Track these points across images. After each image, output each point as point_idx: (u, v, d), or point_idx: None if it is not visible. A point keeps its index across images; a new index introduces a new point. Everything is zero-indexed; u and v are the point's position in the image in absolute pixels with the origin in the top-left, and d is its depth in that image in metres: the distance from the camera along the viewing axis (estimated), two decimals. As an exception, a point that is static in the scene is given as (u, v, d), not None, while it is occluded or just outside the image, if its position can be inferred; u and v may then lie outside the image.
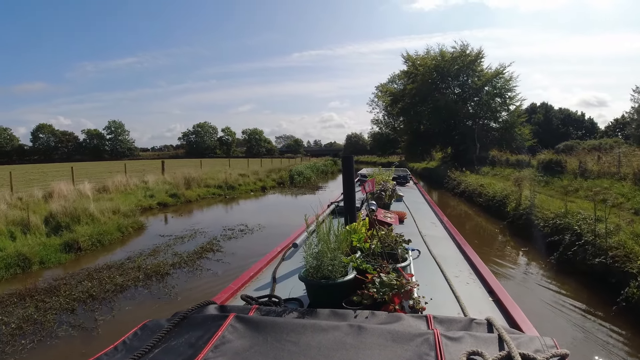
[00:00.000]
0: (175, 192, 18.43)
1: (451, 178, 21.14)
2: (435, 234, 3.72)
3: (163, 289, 6.85)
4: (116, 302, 6.37)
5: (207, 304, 1.59)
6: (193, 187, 20.28)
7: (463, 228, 11.56)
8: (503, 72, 31.18)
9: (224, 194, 20.66)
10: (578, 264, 7.00)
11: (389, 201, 4.64)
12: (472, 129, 30.75)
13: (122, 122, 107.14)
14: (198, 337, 1.27)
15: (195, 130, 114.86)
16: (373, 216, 2.86)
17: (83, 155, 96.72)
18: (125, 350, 1.27)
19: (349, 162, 3.14)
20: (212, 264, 8.21)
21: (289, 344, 1.21)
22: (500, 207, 12.60)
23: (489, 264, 7.80)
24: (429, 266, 2.57)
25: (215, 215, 15.01)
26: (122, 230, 11.42)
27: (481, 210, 14.10)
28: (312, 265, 1.85)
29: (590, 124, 72.98)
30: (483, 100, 31.44)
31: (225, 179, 22.18)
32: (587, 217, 7.81)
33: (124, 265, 8.26)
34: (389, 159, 60.87)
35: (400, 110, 36.82)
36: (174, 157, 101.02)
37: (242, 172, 26.45)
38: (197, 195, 19.39)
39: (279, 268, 2.58)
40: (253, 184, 23.67)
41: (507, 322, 1.74)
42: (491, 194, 14.02)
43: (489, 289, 2.20)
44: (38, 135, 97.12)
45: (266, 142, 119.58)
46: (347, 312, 1.51)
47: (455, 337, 1.22)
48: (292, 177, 27.83)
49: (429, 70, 31.86)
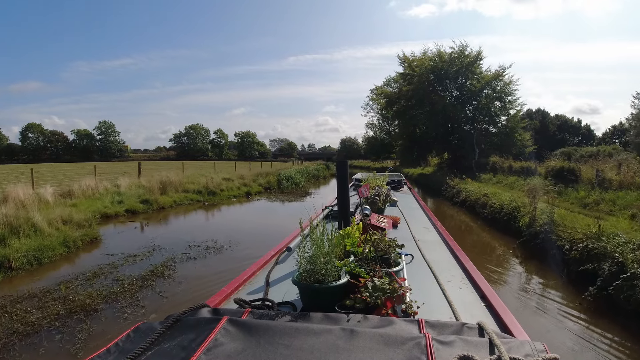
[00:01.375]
0: (148, 197, 16.66)
1: (450, 186, 19.54)
2: (429, 238, 3.68)
3: (78, 335, 5.13)
4: (13, 353, 4.69)
5: (200, 307, 1.58)
6: (169, 192, 18.52)
7: (466, 244, 9.99)
8: (503, 74, 29.85)
9: (203, 200, 18.92)
10: (624, 303, 5.43)
11: (383, 206, 4.66)
12: (471, 133, 29.29)
13: (112, 122, 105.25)
14: (191, 340, 1.27)
15: (187, 132, 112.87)
16: (367, 221, 2.89)
17: (72, 155, 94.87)
18: (118, 352, 1.26)
19: (344, 166, 3.07)
20: (152, 297, 6.47)
21: (282, 347, 1.21)
22: (509, 221, 11.03)
23: (507, 299, 6.20)
24: (422, 271, 2.58)
25: (185, 227, 13.21)
26: (68, 244, 9.66)
27: (487, 224, 12.50)
28: (305, 269, 1.85)
29: (587, 131, 72.54)
30: (482, 103, 30.00)
31: (206, 183, 20.42)
32: (630, 240, 6.24)
33: (49, 294, 6.55)
34: (383, 163, 59.68)
35: (395, 113, 35.20)
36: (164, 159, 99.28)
37: (227, 175, 24.72)
38: (173, 201, 17.63)
39: (272, 272, 2.57)
40: (237, 189, 21.92)
41: (499, 327, 1.73)
42: (497, 205, 12.45)
43: (481, 293, 2.17)
44: (27, 134, 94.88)
45: (259, 145, 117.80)
46: (339, 316, 1.50)
47: (447, 341, 1.22)
48: (280, 182, 26.15)
49: (425, 72, 30.38)
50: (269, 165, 44.01)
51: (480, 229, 12.34)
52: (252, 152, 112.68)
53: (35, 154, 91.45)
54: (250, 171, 32.50)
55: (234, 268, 7.35)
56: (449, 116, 29.85)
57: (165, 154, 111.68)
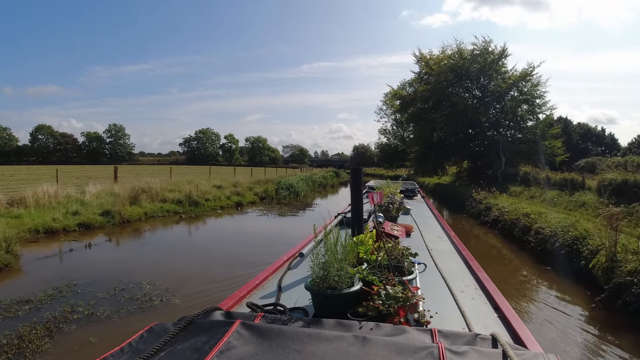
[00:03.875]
0: (111, 208, 13.95)
1: (476, 200, 16.31)
2: (442, 247, 3.62)
3: None
4: None
5: (213, 310, 1.57)
6: (143, 201, 15.80)
7: (508, 287, 6.96)
8: (532, 73, 26.48)
9: (182, 212, 16.15)
10: None
11: (396, 214, 4.65)
12: (497, 140, 25.92)
13: (122, 125, 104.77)
14: (204, 342, 1.26)
15: (198, 136, 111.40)
16: (380, 228, 2.86)
17: (82, 158, 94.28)
18: (131, 352, 1.26)
19: (358, 173, 3.05)
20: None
21: (294, 353, 1.20)
22: (569, 258, 7.91)
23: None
24: (435, 280, 2.55)
25: (134, 252, 10.22)
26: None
27: (534, 258, 9.29)
28: (318, 275, 1.86)
29: (611, 140, 68.69)
30: (507, 106, 26.65)
31: (189, 192, 17.63)
32: None
33: None
34: (396, 171, 56.45)
35: (410, 117, 31.83)
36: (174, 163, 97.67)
37: (221, 183, 21.95)
38: (143, 213, 14.89)
39: (284, 277, 2.54)
40: (226, 199, 19.09)
41: (512, 339, 1.70)
42: (548, 231, 9.30)
43: (494, 304, 2.14)
44: (37, 136, 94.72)
45: (270, 151, 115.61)
46: (352, 323, 1.49)
47: (460, 351, 1.21)
48: (278, 191, 23.29)
49: (444, 71, 27.20)
50: (275, 172, 41.21)
51: (525, 263, 9.12)
52: (263, 157, 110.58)
53: (45, 155, 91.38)
54: (251, 177, 29.77)
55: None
56: (471, 120, 26.60)
57: (174, 159, 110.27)
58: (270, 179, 28.42)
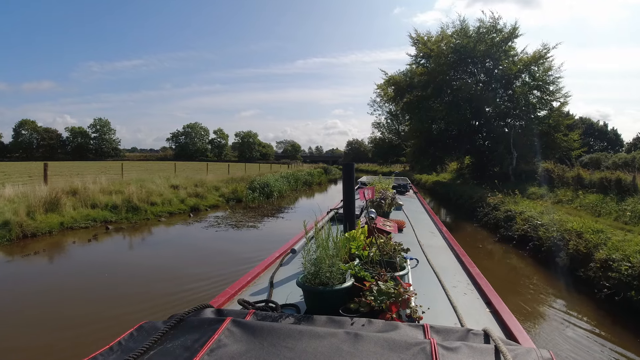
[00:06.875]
0: (11, 218, 10.34)
1: (491, 205, 12.73)
2: (434, 243, 3.60)
3: None
4: None
5: (204, 307, 1.54)
6: (65, 207, 12.17)
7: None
8: (546, 56, 22.91)
9: (114, 220, 12.54)
10: None
11: (389, 209, 4.54)
12: (507, 132, 22.39)
13: (108, 120, 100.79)
14: (194, 340, 1.23)
15: (186, 131, 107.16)
16: (372, 224, 2.73)
17: (66, 154, 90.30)
18: (121, 350, 1.22)
19: (350, 169, 2.98)
20: None
21: (285, 350, 1.18)
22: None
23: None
24: (427, 276, 2.52)
25: (7, 292, 6.71)
26: None
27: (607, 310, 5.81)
28: (310, 272, 1.82)
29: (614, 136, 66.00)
30: (517, 93, 23.10)
31: (129, 195, 13.97)
32: None
33: None
34: (391, 168, 52.98)
35: (405, 106, 28.00)
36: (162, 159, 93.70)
37: (180, 182, 18.31)
38: (59, 223, 11.26)
39: (276, 273, 2.51)
40: (179, 203, 15.41)
41: (504, 334, 1.70)
42: (626, 267, 5.79)
43: (486, 300, 2.12)
44: (20, 131, 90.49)
45: (261, 146, 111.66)
46: (344, 319, 1.47)
47: (452, 347, 1.18)
48: (246, 192, 19.68)
49: (445, 51, 23.57)
50: (259, 168, 37.50)
51: (602, 325, 5.61)
52: (254, 153, 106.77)
53: (28, 151, 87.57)
54: (228, 175, 26.14)
55: None
56: (477, 109, 23.06)
57: (162, 155, 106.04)
58: (248, 177, 24.81)
